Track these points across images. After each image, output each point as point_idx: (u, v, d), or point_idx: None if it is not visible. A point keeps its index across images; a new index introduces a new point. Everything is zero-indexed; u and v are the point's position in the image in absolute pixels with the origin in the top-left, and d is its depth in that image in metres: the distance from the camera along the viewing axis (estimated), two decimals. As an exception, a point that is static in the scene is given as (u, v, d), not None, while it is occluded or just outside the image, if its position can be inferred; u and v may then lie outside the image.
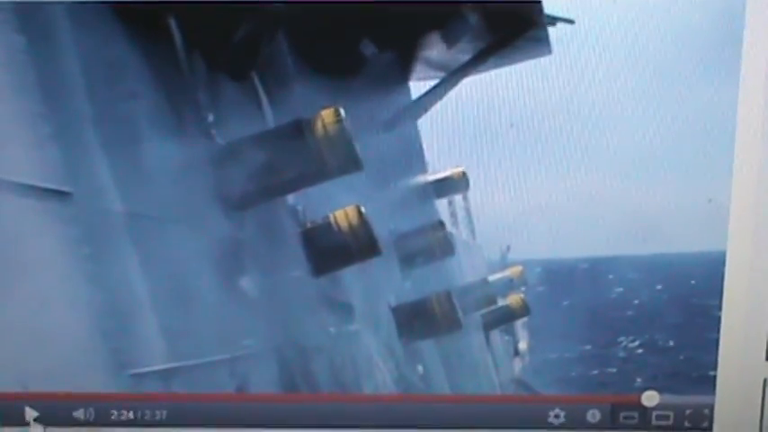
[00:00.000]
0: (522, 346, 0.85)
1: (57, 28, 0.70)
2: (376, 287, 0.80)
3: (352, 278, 0.82)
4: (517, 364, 0.85)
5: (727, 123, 0.71)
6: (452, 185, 0.77)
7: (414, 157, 0.76)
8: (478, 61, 0.74)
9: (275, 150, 0.76)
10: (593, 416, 0.76)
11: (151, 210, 0.74)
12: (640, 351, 0.77)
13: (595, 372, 0.78)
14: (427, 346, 0.84)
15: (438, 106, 0.74)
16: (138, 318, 0.74)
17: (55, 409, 0.76)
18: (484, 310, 0.85)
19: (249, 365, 0.77)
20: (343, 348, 0.79)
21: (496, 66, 0.73)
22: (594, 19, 0.71)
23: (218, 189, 0.76)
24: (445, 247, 0.81)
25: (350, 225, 0.80)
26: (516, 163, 0.74)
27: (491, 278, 0.81)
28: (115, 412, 0.76)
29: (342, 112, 0.75)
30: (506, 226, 0.75)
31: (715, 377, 0.75)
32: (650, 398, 0.76)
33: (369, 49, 0.74)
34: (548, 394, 0.77)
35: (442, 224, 0.82)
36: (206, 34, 0.72)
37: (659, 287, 0.77)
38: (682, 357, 0.77)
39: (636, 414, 0.76)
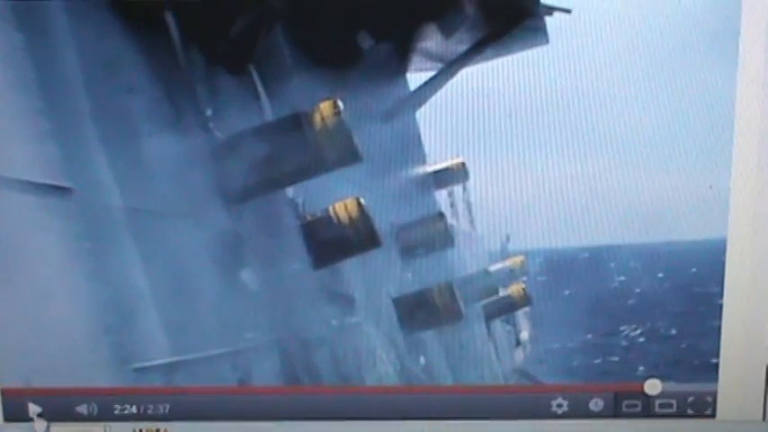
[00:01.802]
0: (524, 335, 0.85)
1: (54, 24, 0.70)
2: (377, 279, 0.80)
3: (352, 270, 0.82)
4: (519, 354, 0.85)
5: (727, 110, 0.71)
6: (452, 176, 0.77)
7: (413, 148, 0.76)
8: (476, 52, 0.74)
9: (274, 143, 0.76)
10: (597, 404, 0.77)
11: (151, 204, 0.74)
12: (642, 340, 0.77)
13: (598, 361, 0.78)
14: (429, 337, 0.84)
15: (436, 97, 0.74)
16: (140, 312, 0.75)
17: (58, 404, 0.77)
18: (485, 301, 0.85)
19: (251, 358, 0.78)
20: (344, 340, 0.79)
21: (494, 56, 0.73)
22: (591, 8, 0.71)
23: (218, 183, 0.76)
24: (445, 238, 0.81)
25: (349, 217, 0.80)
26: (515, 153, 0.74)
27: (492, 268, 0.80)
28: (118, 407, 0.77)
29: (340, 104, 0.75)
30: (506, 216, 0.75)
31: (717, 364, 0.75)
32: (653, 386, 0.76)
33: (366, 40, 0.74)
34: (550, 384, 0.77)
35: (441, 215, 0.82)
36: (203, 28, 0.72)
37: (661, 275, 0.77)
38: (684, 345, 0.77)
39: (639, 402, 0.76)
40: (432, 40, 0.74)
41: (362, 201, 0.79)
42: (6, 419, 0.77)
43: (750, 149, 0.71)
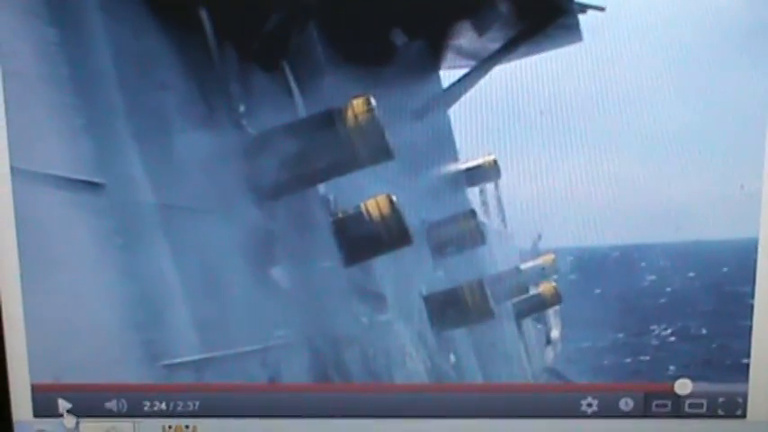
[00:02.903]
0: (555, 334, 0.85)
1: (88, 20, 0.70)
2: (407, 276, 0.80)
3: (383, 268, 0.82)
4: (549, 353, 0.85)
5: (759, 109, 0.70)
6: (483, 174, 0.77)
7: (445, 145, 0.76)
8: (509, 49, 0.74)
9: (306, 140, 0.76)
10: (626, 404, 0.76)
11: (183, 200, 0.74)
12: (673, 339, 0.77)
13: (628, 360, 0.78)
14: (459, 336, 0.83)
15: (469, 95, 0.74)
16: (171, 309, 0.75)
17: (87, 400, 0.77)
18: (516, 299, 0.84)
19: (281, 356, 0.77)
20: (374, 338, 0.79)
21: (527, 54, 0.73)
22: (625, 6, 0.71)
23: (250, 179, 0.76)
24: (477, 236, 0.81)
25: (381, 214, 0.80)
26: (547, 151, 0.74)
27: (523, 267, 0.80)
28: (148, 403, 0.77)
29: (373, 101, 0.75)
30: (538, 214, 0.75)
31: (748, 365, 0.75)
32: (683, 386, 0.76)
33: (399, 37, 0.74)
34: (580, 383, 0.77)
35: (473, 213, 0.82)
36: (237, 24, 0.72)
37: (691, 275, 0.76)
38: (714, 345, 0.76)
39: (669, 402, 0.76)
40: (465, 37, 0.74)
41: (394, 198, 0.79)
42: (36, 415, 0.77)
43: (782, 148, 0.71)
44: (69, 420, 0.77)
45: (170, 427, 0.78)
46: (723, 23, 0.70)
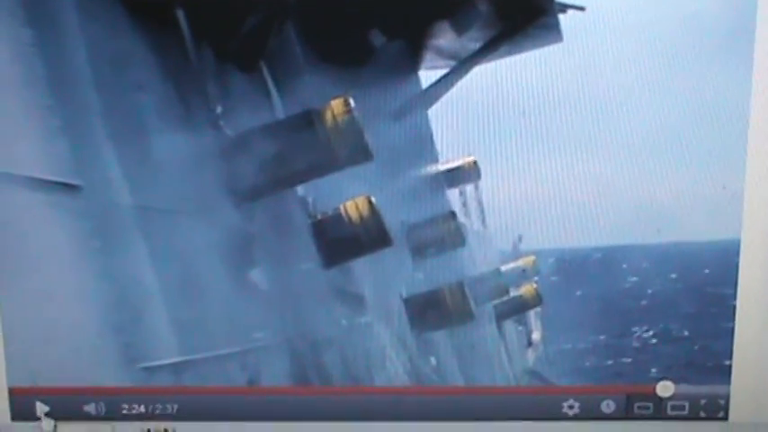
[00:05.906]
0: (536, 336, 0.85)
1: (64, 20, 0.70)
2: (387, 278, 0.80)
3: (363, 269, 0.81)
4: (530, 355, 0.85)
5: (741, 110, 0.70)
6: (463, 175, 0.77)
7: (424, 146, 0.76)
8: (489, 49, 0.73)
9: (285, 141, 0.75)
10: (608, 406, 0.76)
11: (161, 202, 0.74)
12: (655, 341, 0.77)
13: (610, 362, 0.78)
14: (440, 338, 0.83)
15: (448, 95, 0.74)
16: (149, 311, 0.74)
17: (66, 403, 0.76)
18: (496, 301, 0.84)
19: (260, 358, 0.77)
20: (354, 340, 0.79)
21: (507, 54, 0.73)
22: (605, 6, 0.70)
23: (228, 181, 0.75)
24: (457, 238, 0.80)
25: (360, 216, 0.79)
26: (528, 152, 0.73)
27: (503, 268, 0.80)
28: (126, 406, 0.76)
29: (351, 102, 0.75)
30: (518, 215, 0.74)
31: (730, 366, 0.74)
32: (665, 388, 0.75)
33: (378, 38, 0.74)
34: (562, 385, 0.77)
35: (453, 214, 0.81)
36: (214, 25, 0.71)
37: (673, 276, 0.76)
38: (696, 347, 0.76)
39: (651, 404, 0.76)
40: (444, 37, 0.74)
41: (373, 199, 0.79)
42: (14, 418, 0.76)
43: (764, 150, 0.71)
44: (47, 423, 0.77)
45: (149, 429, 0.77)
46: (704, 23, 0.70)
